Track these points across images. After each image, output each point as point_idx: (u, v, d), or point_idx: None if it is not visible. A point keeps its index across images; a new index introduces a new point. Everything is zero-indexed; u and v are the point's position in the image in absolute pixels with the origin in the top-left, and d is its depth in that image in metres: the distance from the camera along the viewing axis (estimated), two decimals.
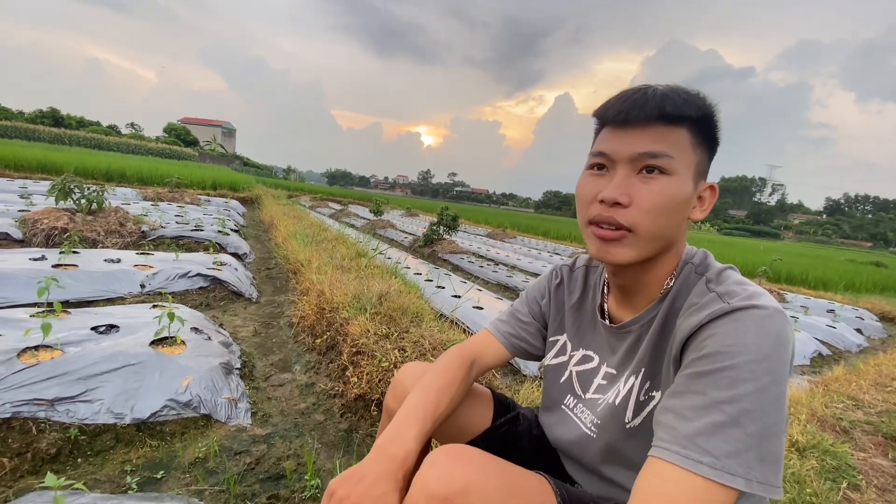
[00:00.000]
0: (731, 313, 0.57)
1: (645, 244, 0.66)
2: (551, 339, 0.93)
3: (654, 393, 0.71)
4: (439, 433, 0.94)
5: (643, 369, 0.72)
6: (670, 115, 0.64)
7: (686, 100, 0.64)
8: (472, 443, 0.92)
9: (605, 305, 0.83)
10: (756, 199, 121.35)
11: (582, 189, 0.71)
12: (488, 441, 0.90)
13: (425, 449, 1.01)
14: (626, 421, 0.73)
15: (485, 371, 0.92)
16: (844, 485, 1.73)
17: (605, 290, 0.84)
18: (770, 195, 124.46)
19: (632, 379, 0.74)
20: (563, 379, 0.89)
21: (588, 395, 0.83)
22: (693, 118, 0.65)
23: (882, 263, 17.12)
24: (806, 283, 9.22)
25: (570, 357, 0.88)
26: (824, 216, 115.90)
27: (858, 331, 5.33)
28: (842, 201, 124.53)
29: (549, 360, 0.92)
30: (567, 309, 0.90)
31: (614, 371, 0.79)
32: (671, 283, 0.72)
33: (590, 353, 0.85)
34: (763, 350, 0.53)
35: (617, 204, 0.65)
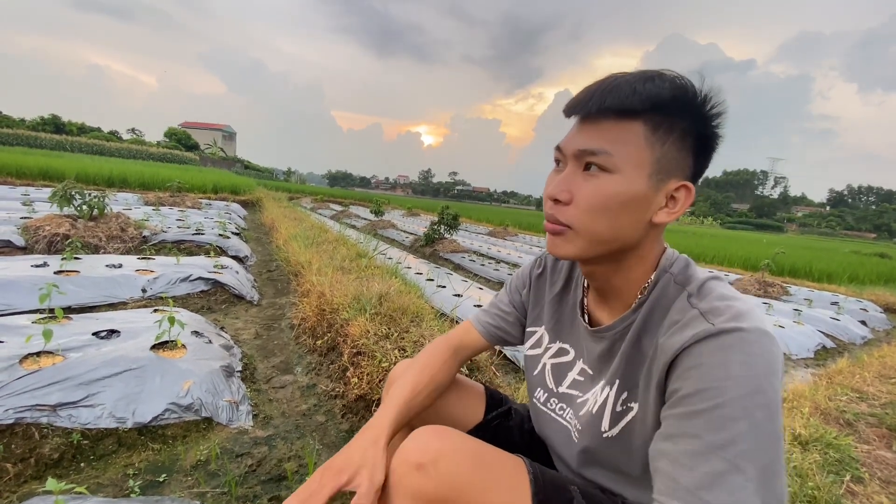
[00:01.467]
0: (716, 336, 0.55)
1: (585, 243, 0.65)
2: (529, 329, 0.92)
3: (631, 404, 0.69)
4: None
5: (618, 381, 0.71)
6: (613, 109, 0.60)
7: (636, 90, 0.59)
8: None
9: (586, 301, 0.82)
10: (759, 193, 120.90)
11: (545, 185, 0.71)
12: (480, 434, 0.90)
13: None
14: (603, 430, 0.72)
15: (467, 358, 0.96)
16: (848, 477, 1.72)
17: (586, 286, 0.83)
18: (773, 188, 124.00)
19: (607, 389, 0.72)
20: (536, 371, 0.88)
21: (561, 389, 0.82)
22: (644, 110, 0.60)
23: (886, 254, 17.03)
24: (810, 276, 9.18)
25: (546, 349, 0.87)
26: (828, 208, 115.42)
27: (863, 323, 5.31)
28: (845, 193, 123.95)
29: (527, 349, 0.92)
30: (547, 300, 0.89)
31: (590, 371, 0.78)
32: (647, 293, 0.69)
33: (566, 346, 0.84)
34: (754, 382, 0.52)
35: (558, 201, 0.65)
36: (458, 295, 4.01)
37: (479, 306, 3.65)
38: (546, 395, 0.86)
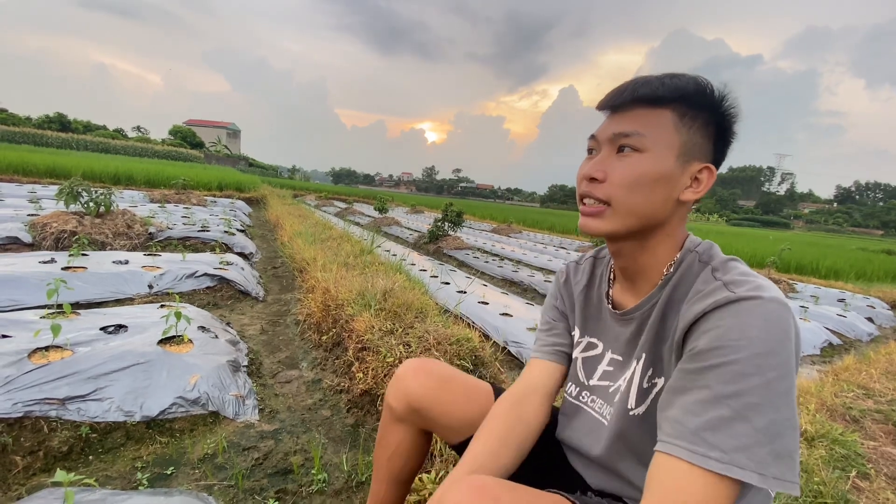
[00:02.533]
0: (735, 303, 0.57)
1: (621, 218, 0.69)
2: (572, 333, 0.93)
3: (656, 380, 0.71)
4: (440, 426, 0.94)
5: (644, 356, 0.73)
6: (646, 98, 0.68)
7: (664, 83, 0.67)
8: (473, 435, 0.92)
9: (611, 292, 0.84)
10: (765, 189, 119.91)
11: (578, 172, 0.76)
12: None
13: (426, 442, 1.01)
14: (630, 408, 0.73)
15: (548, 397, 0.88)
16: (853, 473, 1.71)
17: (611, 279, 0.85)
18: (779, 184, 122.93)
19: (634, 364, 0.74)
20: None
21: (592, 382, 0.84)
22: (670, 99, 0.67)
23: (894, 251, 16.86)
24: (816, 273, 9.11)
25: (577, 344, 0.89)
26: (835, 204, 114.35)
27: (870, 319, 5.27)
28: (853, 189, 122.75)
29: (574, 353, 0.92)
30: (575, 297, 0.92)
31: (620, 358, 0.79)
32: (672, 270, 0.72)
33: (594, 339, 0.86)
34: (768, 344, 0.53)
35: (594, 180, 0.71)
36: (463, 291, 4.01)
37: (483, 303, 3.65)
38: (577, 389, 0.87)
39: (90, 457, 1.46)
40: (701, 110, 0.69)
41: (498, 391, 0.98)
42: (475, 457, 0.77)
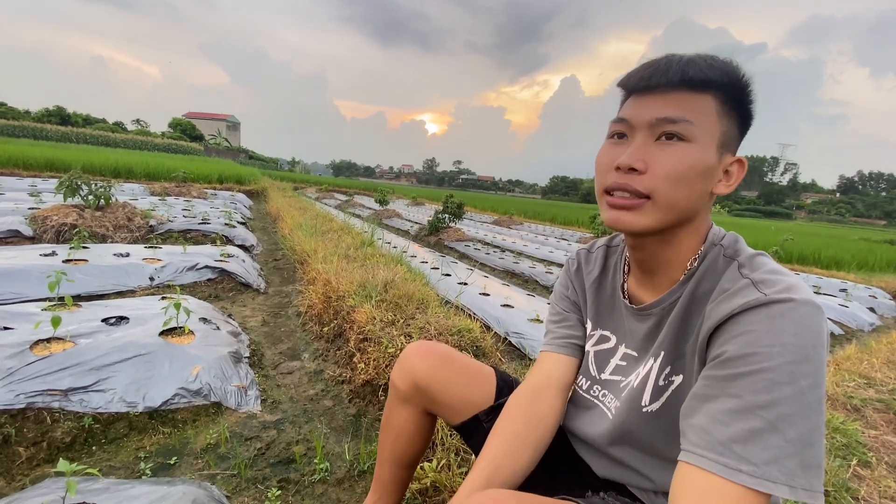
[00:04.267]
0: (767, 305, 0.54)
1: (661, 213, 0.63)
2: (585, 324, 0.90)
3: (673, 378, 0.69)
4: (442, 406, 0.94)
5: (663, 353, 0.70)
6: (693, 80, 0.61)
7: (712, 65, 0.61)
8: (476, 418, 0.92)
9: (626, 285, 0.80)
10: (768, 179, 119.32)
11: (600, 158, 0.69)
12: (492, 416, 0.91)
13: (430, 425, 1.01)
14: (644, 405, 0.72)
15: (562, 391, 0.86)
16: (854, 462, 1.72)
17: (626, 270, 0.81)
18: (782, 174, 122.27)
19: (651, 361, 0.72)
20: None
21: (604, 376, 0.82)
22: (719, 84, 0.62)
23: None
24: (818, 263, 9.09)
25: (589, 337, 0.87)
26: (838, 195, 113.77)
27: (871, 309, 5.26)
28: (856, 179, 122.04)
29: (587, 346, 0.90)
30: (587, 288, 0.88)
31: (635, 353, 0.77)
32: (696, 264, 0.68)
33: (607, 333, 0.83)
34: (802, 351, 0.51)
35: (633, 170, 0.63)
36: (464, 283, 4.01)
37: (484, 294, 3.65)
38: (589, 382, 0.85)
39: (93, 447, 1.47)
40: (736, 99, 0.64)
41: (500, 375, 0.99)
42: (492, 458, 0.75)
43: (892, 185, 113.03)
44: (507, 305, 3.37)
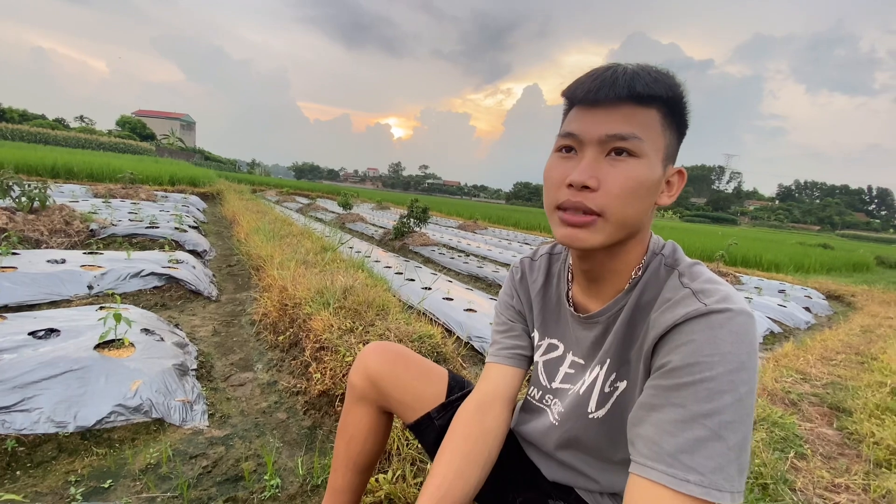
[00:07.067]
0: (707, 316, 0.57)
1: (614, 229, 0.63)
2: (532, 334, 0.89)
3: (618, 384, 0.71)
4: (396, 402, 0.94)
5: (609, 360, 0.72)
6: (640, 95, 0.61)
7: (657, 79, 0.62)
8: (429, 415, 0.92)
9: (571, 293, 0.81)
10: (715, 187, 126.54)
11: (549, 172, 0.68)
12: (444, 413, 0.90)
13: (385, 425, 1.00)
14: (590, 411, 0.73)
15: (509, 403, 0.85)
16: (792, 454, 1.83)
17: (570, 278, 0.82)
18: (728, 183, 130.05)
19: (597, 369, 0.73)
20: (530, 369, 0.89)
21: (555, 385, 0.83)
22: (663, 98, 0.62)
23: (828, 245, 18.24)
24: (760, 266, 9.70)
25: (538, 347, 0.87)
26: (777, 202, 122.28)
27: (807, 309, 5.64)
28: (793, 188, 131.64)
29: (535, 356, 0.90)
30: (532, 297, 0.88)
31: (581, 361, 0.78)
32: (640, 273, 0.70)
33: (555, 341, 0.84)
34: (740, 359, 0.53)
35: (585, 188, 0.62)
36: (427, 288, 3.99)
37: (448, 299, 3.65)
38: (540, 392, 0.86)
39: (17, 472, 1.34)
40: (675, 109, 0.65)
41: (453, 377, 0.98)
42: (443, 478, 0.74)
43: (826, 193, 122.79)
44: (471, 310, 3.38)
